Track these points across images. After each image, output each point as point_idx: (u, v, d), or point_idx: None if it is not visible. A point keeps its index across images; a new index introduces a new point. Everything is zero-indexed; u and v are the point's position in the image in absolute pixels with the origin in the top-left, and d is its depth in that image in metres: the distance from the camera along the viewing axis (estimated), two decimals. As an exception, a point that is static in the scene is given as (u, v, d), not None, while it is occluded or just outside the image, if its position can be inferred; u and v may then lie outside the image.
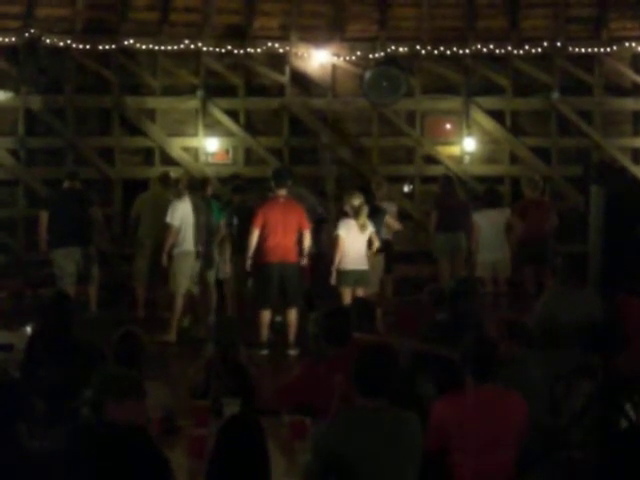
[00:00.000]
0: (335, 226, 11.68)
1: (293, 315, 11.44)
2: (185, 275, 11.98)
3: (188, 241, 11.94)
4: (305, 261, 11.55)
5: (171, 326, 11.86)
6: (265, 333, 11.37)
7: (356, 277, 11.50)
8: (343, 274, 11.51)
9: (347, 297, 11.47)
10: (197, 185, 12.69)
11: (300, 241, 11.47)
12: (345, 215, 11.58)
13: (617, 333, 5.99)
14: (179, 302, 11.94)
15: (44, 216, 12.41)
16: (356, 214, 11.50)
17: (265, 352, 11.18)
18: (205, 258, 12.15)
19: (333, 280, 11.41)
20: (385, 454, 5.11)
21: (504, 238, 12.74)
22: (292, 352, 11.25)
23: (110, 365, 6.56)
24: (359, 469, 5.07)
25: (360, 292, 11.49)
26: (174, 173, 13.29)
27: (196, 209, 11.99)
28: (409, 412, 5.31)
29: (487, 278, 12.72)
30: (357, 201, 11.55)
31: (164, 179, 13.18)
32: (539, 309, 8.25)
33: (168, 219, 11.85)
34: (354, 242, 11.50)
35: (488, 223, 12.77)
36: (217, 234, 12.30)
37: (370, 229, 11.55)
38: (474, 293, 8.09)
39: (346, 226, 11.54)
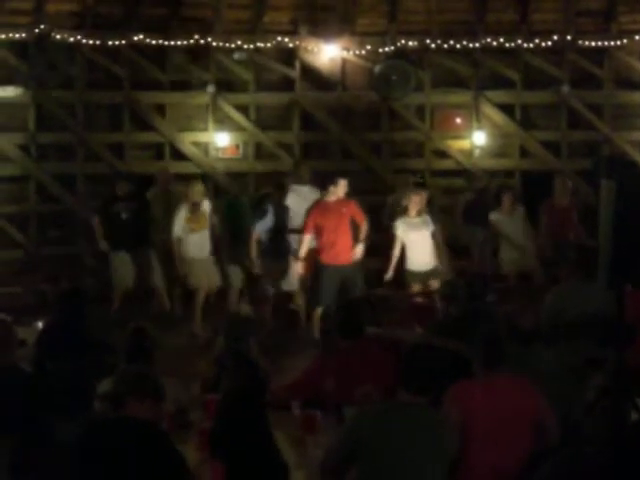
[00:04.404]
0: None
1: None
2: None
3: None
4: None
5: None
6: None
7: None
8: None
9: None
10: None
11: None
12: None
13: (627, 326, 5.99)
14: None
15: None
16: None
17: None
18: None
19: None
20: (412, 450, 5.17)
21: (525, 235, 12.82)
22: None
23: (121, 360, 6.61)
24: (384, 459, 5.14)
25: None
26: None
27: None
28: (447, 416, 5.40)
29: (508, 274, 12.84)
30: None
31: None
32: (549, 302, 8.26)
33: None
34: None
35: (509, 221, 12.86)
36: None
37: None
38: (485, 288, 8.11)
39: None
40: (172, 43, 14.74)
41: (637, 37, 15.00)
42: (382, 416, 5.27)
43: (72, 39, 14.41)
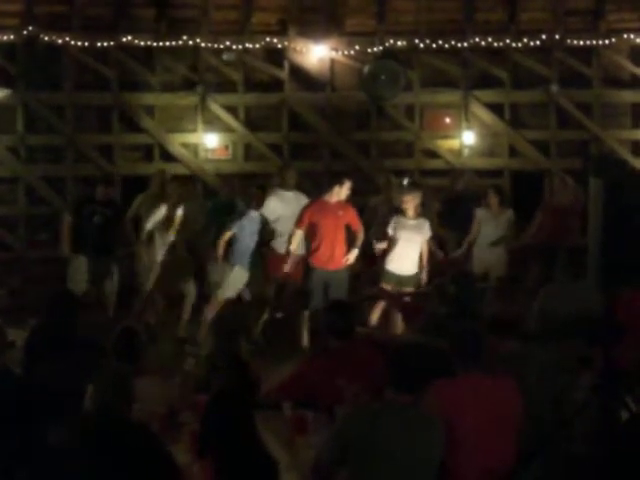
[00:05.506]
0: None
1: None
2: None
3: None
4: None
5: None
6: None
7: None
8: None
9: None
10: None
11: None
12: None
13: (616, 325, 6.01)
14: None
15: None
16: None
17: None
18: None
19: None
20: (403, 451, 5.17)
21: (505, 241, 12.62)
22: None
23: (111, 361, 6.60)
24: (375, 460, 5.14)
25: None
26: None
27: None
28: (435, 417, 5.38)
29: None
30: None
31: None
32: (539, 302, 8.26)
33: None
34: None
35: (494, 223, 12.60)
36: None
37: None
38: (472, 287, 8.11)
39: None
40: (161, 44, 14.74)
41: (625, 36, 15.03)
42: (373, 416, 5.27)
43: (60, 41, 14.40)
